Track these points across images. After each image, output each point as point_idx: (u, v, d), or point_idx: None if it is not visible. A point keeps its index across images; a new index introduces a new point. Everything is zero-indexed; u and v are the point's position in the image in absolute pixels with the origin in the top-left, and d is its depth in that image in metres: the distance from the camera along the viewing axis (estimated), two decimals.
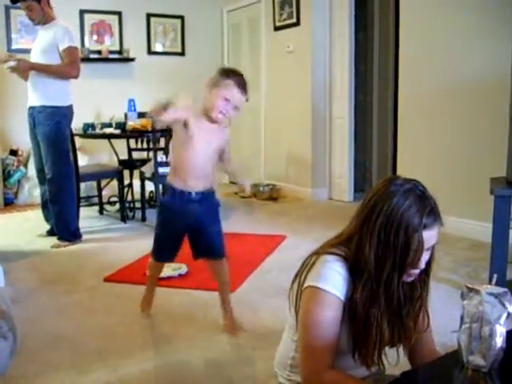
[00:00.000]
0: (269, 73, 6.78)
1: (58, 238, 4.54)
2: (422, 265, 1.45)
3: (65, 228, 4.56)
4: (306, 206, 5.63)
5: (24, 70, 4.35)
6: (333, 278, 1.45)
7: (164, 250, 2.83)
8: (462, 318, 1.33)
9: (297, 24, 6.21)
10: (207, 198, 2.70)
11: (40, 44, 4.41)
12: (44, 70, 4.34)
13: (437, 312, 2.01)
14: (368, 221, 1.46)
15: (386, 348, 1.59)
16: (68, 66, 4.35)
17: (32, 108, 4.46)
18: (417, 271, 1.47)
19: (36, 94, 4.41)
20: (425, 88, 4.73)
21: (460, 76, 4.41)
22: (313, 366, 1.47)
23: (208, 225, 2.73)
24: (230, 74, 2.58)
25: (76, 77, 4.43)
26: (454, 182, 4.51)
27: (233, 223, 5.10)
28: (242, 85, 2.58)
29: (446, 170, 4.59)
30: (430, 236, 1.42)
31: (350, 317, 1.47)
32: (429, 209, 1.42)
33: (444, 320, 2.10)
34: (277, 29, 6.56)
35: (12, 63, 4.29)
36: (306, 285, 1.49)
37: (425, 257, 1.45)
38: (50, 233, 4.74)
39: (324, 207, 5.63)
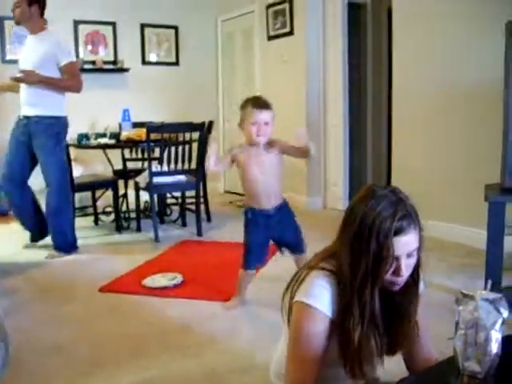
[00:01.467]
0: (263, 82, 6.79)
1: (55, 249, 4.51)
2: (404, 272, 1.43)
3: (64, 239, 4.54)
4: (301, 214, 5.61)
5: (32, 82, 4.26)
6: (320, 295, 1.46)
7: (254, 258, 3.17)
8: (457, 324, 1.32)
9: (290, 33, 6.23)
10: (282, 209, 3.12)
11: (35, 55, 4.31)
12: (52, 83, 4.32)
13: (432, 319, 2.01)
14: (344, 228, 1.47)
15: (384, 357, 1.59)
16: (73, 80, 4.37)
17: (27, 118, 4.38)
18: (400, 279, 1.45)
19: (33, 104, 4.34)
20: (419, 95, 4.75)
21: (454, 83, 4.43)
22: (297, 379, 1.49)
23: (287, 231, 3.17)
24: (247, 103, 3.00)
25: (80, 91, 4.46)
26: (449, 188, 4.52)
27: (228, 232, 5.10)
28: (259, 104, 2.98)
29: (440, 176, 4.60)
30: (404, 241, 1.40)
31: (335, 329, 1.47)
32: (401, 214, 1.39)
33: (440, 327, 2.10)
34: (270, 38, 6.58)
35: (19, 74, 4.25)
36: (295, 299, 1.50)
37: (406, 263, 1.43)
38: (33, 239, 4.77)
39: (319, 216, 5.63)
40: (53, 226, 4.52)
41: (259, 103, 2.99)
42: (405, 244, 1.39)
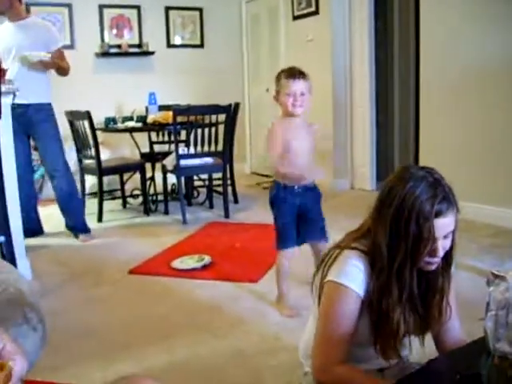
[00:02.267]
0: (288, 63, 6.72)
1: (81, 232, 4.56)
2: (441, 253, 1.44)
3: (84, 220, 4.65)
4: (328, 195, 5.60)
5: (51, 66, 4.32)
6: (353, 275, 1.46)
7: (290, 236, 2.95)
8: (488, 305, 1.32)
9: (316, 13, 6.16)
10: (313, 190, 2.99)
11: (26, 41, 4.20)
12: (63, 67, 4.39)
13: (463, 300, 1.99)
14: (381, 210, 1.46)
15: (412, 338, 1.59)
16: (66, 63, 4.43)
17: (25, 106, 4.20)
18: (436, 259, 1.45)
19: (30, 91, 4.18)
20: (447, 74, 4.67)
21: (484, 61, 4.35)
22: (325, 358, 1.49)
23: (314, 214, 2.99)
24: (280, 74, 2.84)
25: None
26: (477, 168, 4.46)
27: (255, 214, 5.11)
28: (293, 74, 2.80)
29: (468, 156, 4.54)
30: (443, 223, 1.40)
31: (368, 308, 1.47)
32: (441, 196, 1.39)
33: (470, 308, 2.08)
34: (296, 18, 6.53)
35: (45, 58, 4.21)
36: (327, 279, 1.50)
37: (442, 245, 1.43)
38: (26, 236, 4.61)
39: (347, 196, 5.61)
40: (71, 210, 4.57)
41: (293, 72, 2.82)
42: (444, 226, 1.40)
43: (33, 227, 4.55)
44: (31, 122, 4.32)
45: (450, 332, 1.61)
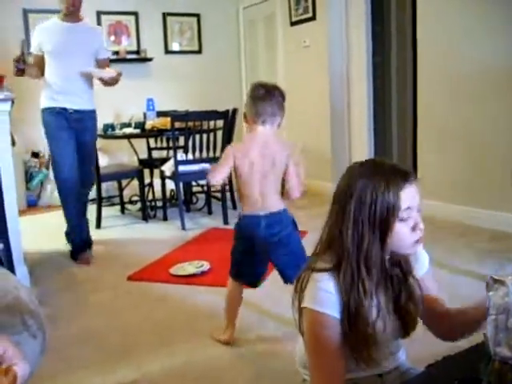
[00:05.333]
0: (286, 68, 6.77)
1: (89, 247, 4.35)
2: (421, 224, 1.44)
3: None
4: (327, 201, 5.58)
5: (113, 82, 4.34)
6: (325, 300, 1.44)
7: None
8: (487, 309, 1.32)
9: (313, 18, 6.19)
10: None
11: (85, 47, 4.13)
12: (117, 80, 4.35)
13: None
14: (340, 208, 1.46)
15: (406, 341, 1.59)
16: None
17: (81, 112, 4.15)
18: (420, 234, 1.44)
19: (85, 98, 4.19)
20: (444, 78, 4.69)
21: (482, 64, 4.36)
22: (325, 380, 1.48)
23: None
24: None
25: None
26: (476, 172, 4.46)
27: None
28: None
29: (466, 159, 4.55)
30: (411, 192, 1.41)
31: (344, 317, 1.46)
32: (397, 167, 1.43)
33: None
34: (293, 24, 6.55)
35: (109, 74, 4.21)
36: (303, 305, 1.50)
37: (415, 218, 1.43)
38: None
39: None
40: (86, 221, 4.43)
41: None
42: (413, 195, 1.41)
43: (86, 239, 4.34)
44: (84, 129, 4.20)
45: (436, 311, 1.60)
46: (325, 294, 1.45)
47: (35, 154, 6.29)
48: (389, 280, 1.49)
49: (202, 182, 5.85)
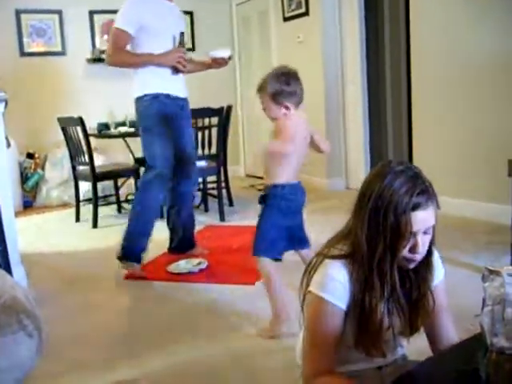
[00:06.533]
0: (280, 64, 6.75)
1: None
2: (421, 249, 1.43)
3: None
4: (322, 196, 5.61)
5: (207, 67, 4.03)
6: (333, 288, 1.45)
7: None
8: (484, 300, 1.32)
9: (306, 14, 6.18)
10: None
11: (180, 28, 3.74)
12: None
13: (459, 297, 2.00)
14: (360, 205, 1.46)
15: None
16: None
17: (183, 100, 3.82)
18: (417, 256, 1.44)
19: (184, 84, 3.84)
20: (438, 72, 4.69)
21: (475, 59, 4.37)
22: (311, 369, 1.50)
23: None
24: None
25: None
26: (471, 164, 4.47)
27: (250, 216, 5.10)
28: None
29: (461, 153, 4.56)
30: (422, 217, 1.39)
31: (353, 310, 1.47)
32: (420, 189, 1.39)
33: (466, 305, 2.09)
34: (286, 19, 6.54)
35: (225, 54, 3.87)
36: (309, 289, 1.51)
37: (423, 240, 1.43)
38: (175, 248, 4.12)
39: (341, 197, 5.61)
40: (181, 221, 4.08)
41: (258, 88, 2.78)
42: (423, 220, 1.39)
43: (189, 238, 4.10)
44: (186, 116, 3.90)
45: (443, 332, 1.61)
46: (334, 282, 1.45)
47: (30, 155, 6.28)
48: (401, 282, 1.49)
49: (198, 180, 5.84)
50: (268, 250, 2.70)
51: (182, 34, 3.68)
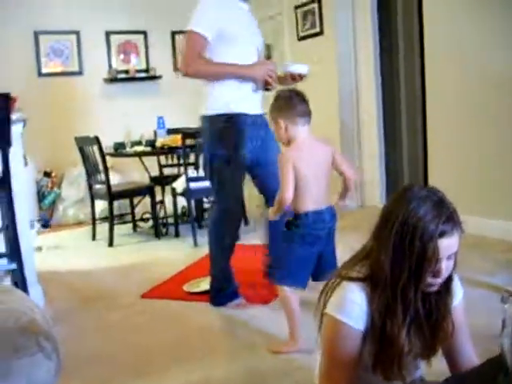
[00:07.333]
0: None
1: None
2: (444, 273, 1.42)
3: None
4: (338, 213, 5.56)
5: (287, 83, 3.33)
6: (351, 311, 1.45)
7: None
8: (503, 321, 1.31)
9: (320, 33, 6.21)
10: None
11: (260, 35, 3.35)
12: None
13: (476, 316, 1.98)
14: (383, 230, 1.44)
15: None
16: None
17: (261, 117, 3.30)
18: (439, 280, 1.44)
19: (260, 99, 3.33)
20: (453, 88, 4.67)
21: (492, 71, 4.33)
22: None
23: None
24: None
25: None
26: (489, 181, 4.43)
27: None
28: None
29: (478, 169, 4.52)
30: (448, 244, 1.38)
31: (371, 334, 1.46)
32: (446, 216, 1.38)
33: (484, 324, 2.07)
34: (301, 39, 6.57)
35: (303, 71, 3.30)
36: (326, 310, 1.50)
37: (446, 265, 1.42)
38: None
39: (355, 215, 5.59)
40: None
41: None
42: (448, 246, 1.39)
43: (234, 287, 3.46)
44: (265, 137, 3.28)
45: (463, 355, 1.60)
46: (351, 304, 1.45)
47: (47, 174, 6.33)
48: (422, 305, 1.48)
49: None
50: (288, 279, 2.66)
51: (267, 45, 3.20)
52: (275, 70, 3.18)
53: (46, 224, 6.08)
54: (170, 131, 5.96)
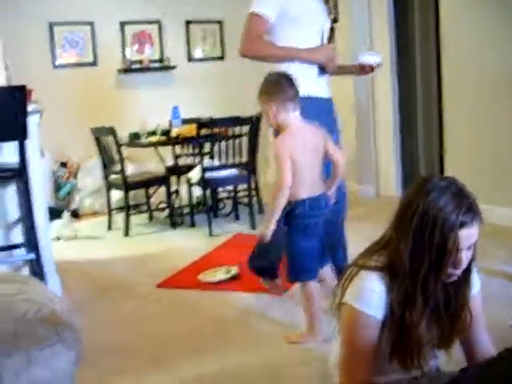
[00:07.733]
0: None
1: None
2: (464, 264, 1.42)
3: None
4: (353, 203, 5.56)
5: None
6: (370, 300, 1.46)
7: None
8: None
9: (334, 21, 6.16)
10: None
11: (327, 18, 3.17)
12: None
13: (492, 305, 1.97)
14: (403, 220, 1.44)
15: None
16: None
17: (331, 100, 3.20)
18: (459, 271, 1.44)
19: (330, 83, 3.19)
20: (470, 79, 4.64)
21: (506, 64, 4.31)
22: (349, 380, 1.52)
23: None
24: None
25: None
26: (503, 170, 4.40)
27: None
28: None
29: (494, 158, 4.49)
30: (468, 234, 1.39)
31: (390, 323, 1.47)
32: (466, 206, 1.38)
33: (501, 313, 2.06)
34: None
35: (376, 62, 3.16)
36: (344, 300, 1.50)
37: (466, 255, 1.42)
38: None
39: (371, 205, 5.57)
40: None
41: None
42: (468, 237, 1.39)
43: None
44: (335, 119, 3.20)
45: (480, 344, 1.60)
46: (370, 293, 1.45)
47: (63, 164, 6.37)
48: (441, 295, 1.48)
49: (229, 188, 5.85)
50: (303, 275, 2.68)
51: (332, 28, 3.08)
52: (336, 55, 3.07)
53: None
54: (185, 121, 5.96)
